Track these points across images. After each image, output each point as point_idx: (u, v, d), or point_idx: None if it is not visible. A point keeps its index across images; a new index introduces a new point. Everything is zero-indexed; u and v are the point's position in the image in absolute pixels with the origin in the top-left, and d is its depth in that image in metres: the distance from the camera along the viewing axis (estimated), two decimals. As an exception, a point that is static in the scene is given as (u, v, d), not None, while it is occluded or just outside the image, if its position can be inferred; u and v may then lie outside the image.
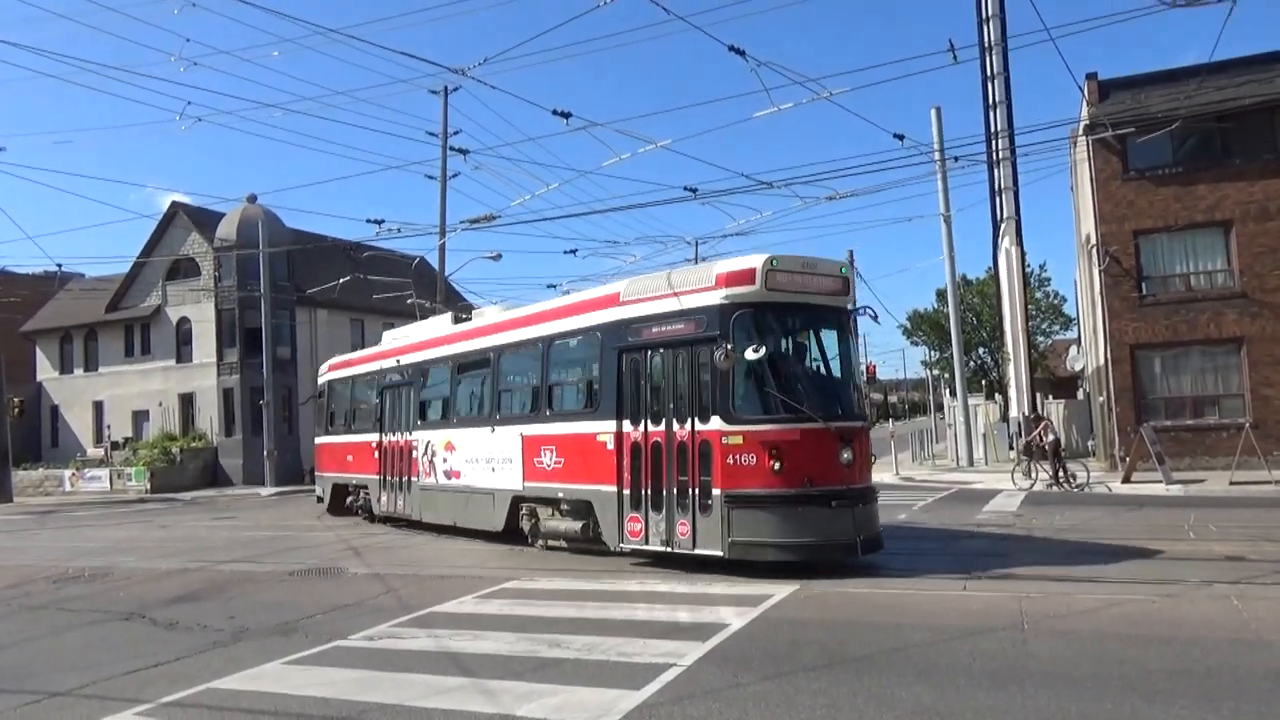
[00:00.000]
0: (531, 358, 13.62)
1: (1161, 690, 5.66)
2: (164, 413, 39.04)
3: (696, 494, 10.49)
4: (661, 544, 10.83)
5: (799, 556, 10.01)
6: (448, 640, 7.81)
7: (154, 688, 6.67)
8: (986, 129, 24.43)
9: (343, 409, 20.57)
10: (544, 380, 13.13)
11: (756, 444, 10.16)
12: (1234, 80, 23.39)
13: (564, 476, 12.38)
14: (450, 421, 15.55)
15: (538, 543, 13.28)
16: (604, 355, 11.84)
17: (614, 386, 11.55)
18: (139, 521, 22.71)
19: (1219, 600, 8.12)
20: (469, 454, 14.64)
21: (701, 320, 10.71)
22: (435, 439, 15.75)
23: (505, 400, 14.37)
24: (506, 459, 13.56)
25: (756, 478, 10.15)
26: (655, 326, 11.24)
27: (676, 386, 10.98)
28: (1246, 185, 23.52)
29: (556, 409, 12.96)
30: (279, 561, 13.59)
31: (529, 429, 13.16)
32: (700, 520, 10.43)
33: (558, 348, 13.12)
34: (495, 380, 14.37)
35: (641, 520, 11.08)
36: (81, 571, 13.33)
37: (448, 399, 15.86)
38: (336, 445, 20.44)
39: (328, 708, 5.97)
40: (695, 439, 10.58)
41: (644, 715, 5.55)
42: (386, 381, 17.94)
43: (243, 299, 35.33)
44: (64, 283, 41.08)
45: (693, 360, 10.80)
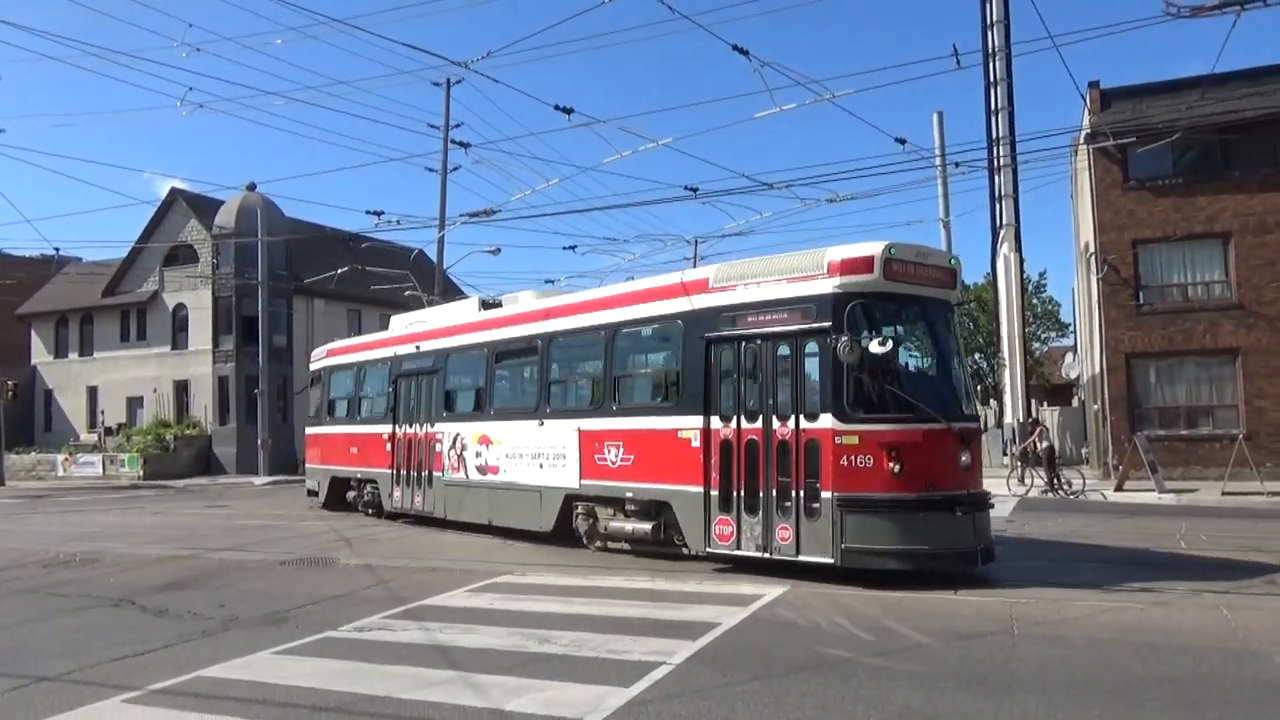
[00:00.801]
0: (591, 347, 12.74)
1: (1149, 698, 5.68)
2: (158, 399, 38.97)
3: (801, 497, 9.73)
4: (757, 549, 10.07)
5: (919, 566, 9.42)
6: (438, 633, 7.81)
7: (143, 674, 6.66)
8: (988, 135, 24.45)
9: (345, 398, 19.34)
10: (608, 371, 12.21)
11: (875, 444, 9.46)
12: (1236, 92, 23.45)
13: (633, 475, 11.55)
14: (485, 413, 14.55)
15: (593, 544, 12.49)
16: (687, 345, 11.02)
17: (700, 379, 10.74)
18: (131, 508, 22.67)
19: (1208, 609, 8.14)
20: (510, 448, 13.72)
21: (809, 310, 9.92)
22: (466, 431, 14.80)
23: (557, 392, 13.45)
24: (558, 455, 12.69)
25: (874, 481, 9.43)
26: (752, 315, 10.40)
27: (776, 380, 10.18)
28: (1246, 198, 23.57)
29: (624, 402, 12.09)
30: (270, 551, 13.57)
31: (588, 423, 12.31)
32: (805, 525, 9.69)
33: (626, 336, 12.22)
34: (544, 370, 13.40)
35: (732, 524, 10.31)
36: (72, 557, 13.31)
37: (482, 389, 14.86)
38: (336, 436, 19.30)
39: (317, 698, 5.97)
40: (800, 438, 9.82)
41: (632, 712, 5.55)
42: (403, 369, 16.87)
43: (240, 287, 35.28)
44: (61, 266, 41.03)
45: (796, 352, 10.03)
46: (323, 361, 20.37)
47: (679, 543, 11.18)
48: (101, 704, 6.02)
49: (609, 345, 12.21)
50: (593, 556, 12.10)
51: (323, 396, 20.12)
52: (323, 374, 20.18)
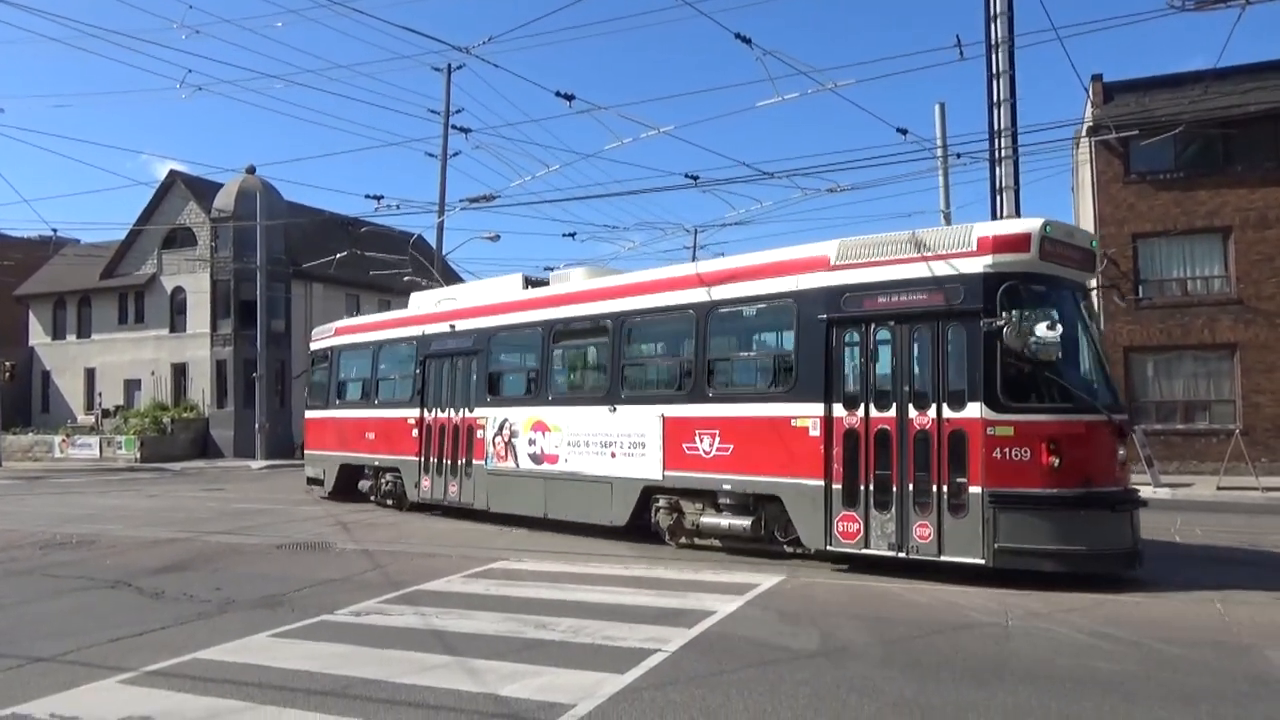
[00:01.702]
0: (678, 327, 11.96)
1: (1141, 690, 5.70)
2: (156, 382, 38.94)
3: (944, 492, 9.08)
4: (890, 547, 9.37)
5: (1077, 568, 8.84)
6: (434, 618, 7.83)
7: (138, 656, 6.68)
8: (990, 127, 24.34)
9: (359, 379, 18.08)
10: (700, 354, 11.34)
11: (1032, 436, 8.81)
12: (1240, 87, 23.40)
13: (731, 466, 10.75)
14: (541, 398, 13.50)
15: (675, 540, 11.70)
16: (803, 327, 10.23)
17: (820, 363, 9.97)
18: (128, 490, 22.69)
19: (1201, 603, 8.17)
20: (573, 436, 12.78)
21: (955, 290, 9.23)
22: (516, 417, 13.76)
23: (633, 375, 12.59)
24: (635, 443, 11.85)
25: (1030, 476, 8.79)
26: (883, 296, 9.67)
27: (913, 366, 9.51)
28: (1247, 193, 23.55)
29: (721, 388, 11.34)
30: (267, 535, 13.59)
31: (675, 410, 11.48)
32: (950, 522, 9.02)
33: (724, 317, 11.37)
34: (617, 352, 12.40)
35: (859, 520, 9.57)
36: (69, 538, 13.32)
37: (537, 372, 13.83)
38: (347, 420, 17.95)
39: (312, 681, 5.98)
40: (942, 428, 9.15)
41: (627, 699, 5.57)
42: (433, 349, 15.72)
43: (238, 270, 35.20)
44: (59, 248, 40.95)
45: (937, 336, 9.32)
46: (329, 341, 19.09)
47: (782, 540, 10.52)
48: (97, 685, 6.04)
49: (701, 326, 11.36)
50: (591, 544, 12.12)
51: (330, 378, 18.80)
52: (330, 354, 18.89)
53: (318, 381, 19.57)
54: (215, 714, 5.41)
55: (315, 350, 19.80)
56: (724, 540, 11.15)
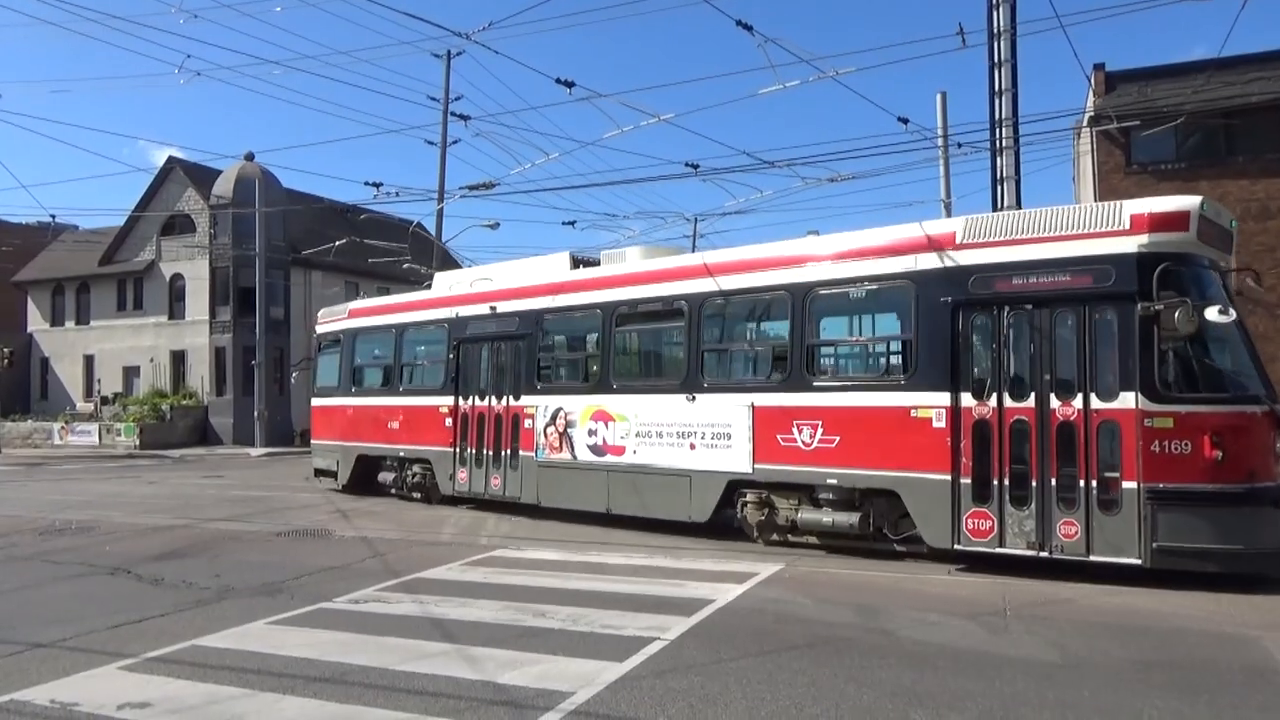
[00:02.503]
0: (771, 310, 11.31)
1: (1140, 680, 5.72)
2: (155, 369, 38.93)
3: (1093, 487, 8.54)
4: (1029, 546, 8.80)
5: (1241, 568, 8.29)
6: (432, 606, 7.84)
7: (138, 643, 6.69)
8: (991, 116, 24.28)
9: (378, 364, 17.04)
10: (798, 339, 10.58)
11: (1195, 428, 8.25)
12: (1242, 76, 23.32)
13: (836, 459, 10.07)
14: (602, 385, 12.64)
15: (764, 537, 10.99)
16: (923, 310, 9.60)
17: (944, 350, 9.38)
18: (127, 477, 22.71)
19: (1199, 595, 8.17)
20: (643, 426, 11.98)
21: (1104, 271, 8.67)
22: (572, 406, 12.91)
23: (715, 362, 11.94)
24: (720, 434, 11.10)
25: (1192, 470, 8.25)
26: (1018, 277, 9.10)
27: (1054, 353, 8.90)
28: (1249, 183, 23.48)
29: (824, 375, 10.76)
30: (267, 522, 13.60)
31: (767, 398, 10.75)
32: (1100, 520, 8.48)
33: (826, 299, 10.67)
34: (695, 336, 11.64)
35: (993, 517, 8.97)
36: (68, 525, 13.34)
37: (596, 358, 13.03)
38: (365, 409, 16.83)
39: (311, 668, 6.00)
40: (1090, 419, 8.60)
41: (626, 687, 5.58)
42: (469, 333, 14.74)
43: (237, 258, 35.11)
44: (57, 234, 40.87)
45: (1084, 320, 8.74)
46: (341, 323, 17.83)
47: (893, 537, 9.96)
48: (96, 671, 6.05)
49: (799, 309, 10.60)
50: (588, 532, 12.13)
51: (343, 362, 17.55)
52: (342, 338, 17.65)
53: (327, 366, 18.40)
54: (214, 700, 5.42)
55: (324, 333, 18.54)
56: (823, 538, 10.53)
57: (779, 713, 5.15)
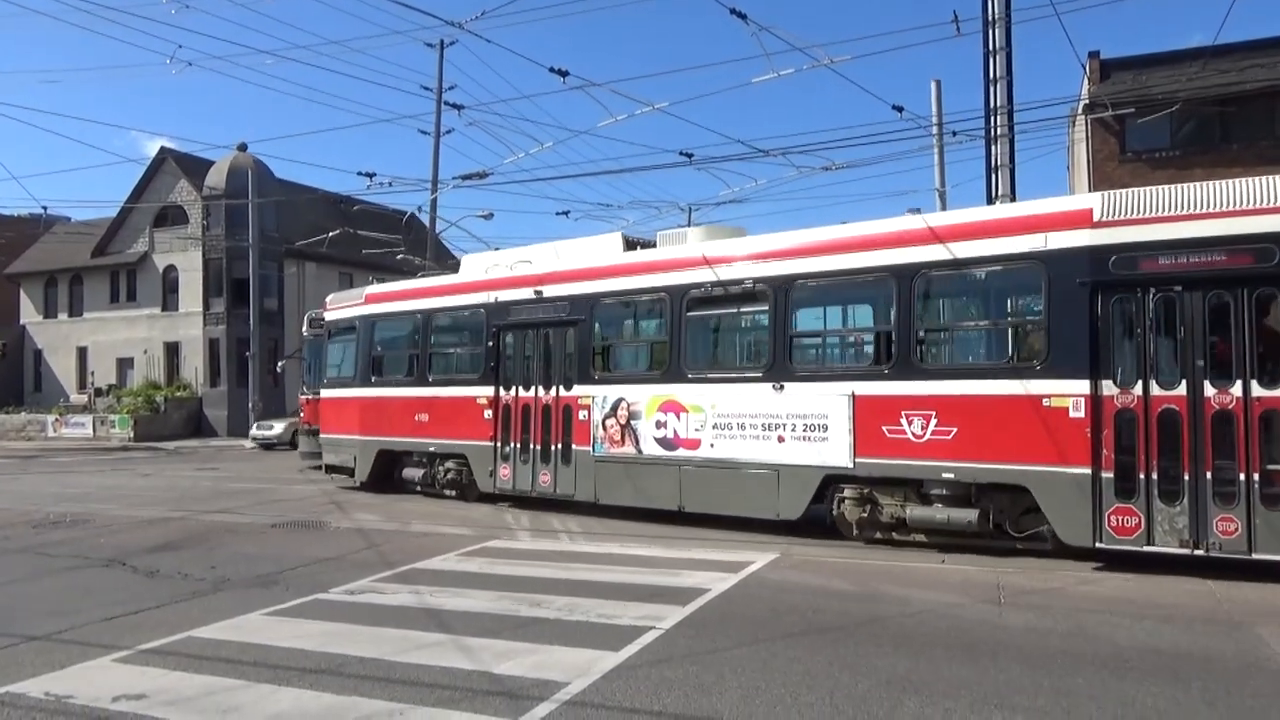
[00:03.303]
0: (872, 293, 10.78)
1: (1133, 667, 5.74)
2: (149, 361, 38.83)
3: (1254, 481, 8.06)
4: (1181, 544, 8.33)
5: None
6: (428, 596, 7.84)
7: (133, 635, 6.69)
8: (986, 104, 24.27)
9: (401, 353, 16.05)
10: (906, 324, 9.98)
11: None
12: (1237, 64, 23.29)
13: (955, 451, 9.48)
14: (672, 373, 11.81)
15: (864, 535, 10.39)
16: (1055, 292, 9.03)
17: (1082, 334, 8.83)
18: (121, 469, 22.66)
19: (1192, 582, 8.21)
20: (721, 418, 11.26)
21: (1266, 250, 8.19)
22: (637, 396, 12.11)
23: (806, 349, 11.45)
24: (812, 425, 10.46)
25: None
26: (1167, 256, 8.57)
27: (1208, 337, 8.43)
28: (1243, 171, 23.36)
29: (940, 362, 10.27)
30: (262, 513, 13.59)
31: (870, 388, 10.16)
32: (1265, 516, 8.00)
33: (938, 281, 10.08)
34: (782, 322, 10.92)
35: (1139, 514, 8.48)
36: (63, 517, 13.31)
37: (665, 344, 12.14)
38: (387, 400, 15.75)
39: (307, 659, 6.00)
40: (1251, 408, 8.15)
41: (621, 676, 5.59)
42: (511, 319, 13.79)
43: (230, 249, 34.99)
44: (49, 226, 40.66)
45: (1242, 303, 8.27)
46: (356, 310, 16.69)
47: (1016, 535, 9.44)
48: (92, 663, 6.05)
49: (905, 292, 9.99)
50: (583, 522, 12.13)
51: (359, 351, 16.42)
52: (358, 324, 16.50)
53: (339, 356, 17.32)
54: (210, 692, 5.42)
55: (335, 320, 17.43)
56: (933, 535, 9.93)
57: (773, 701, 5.16)
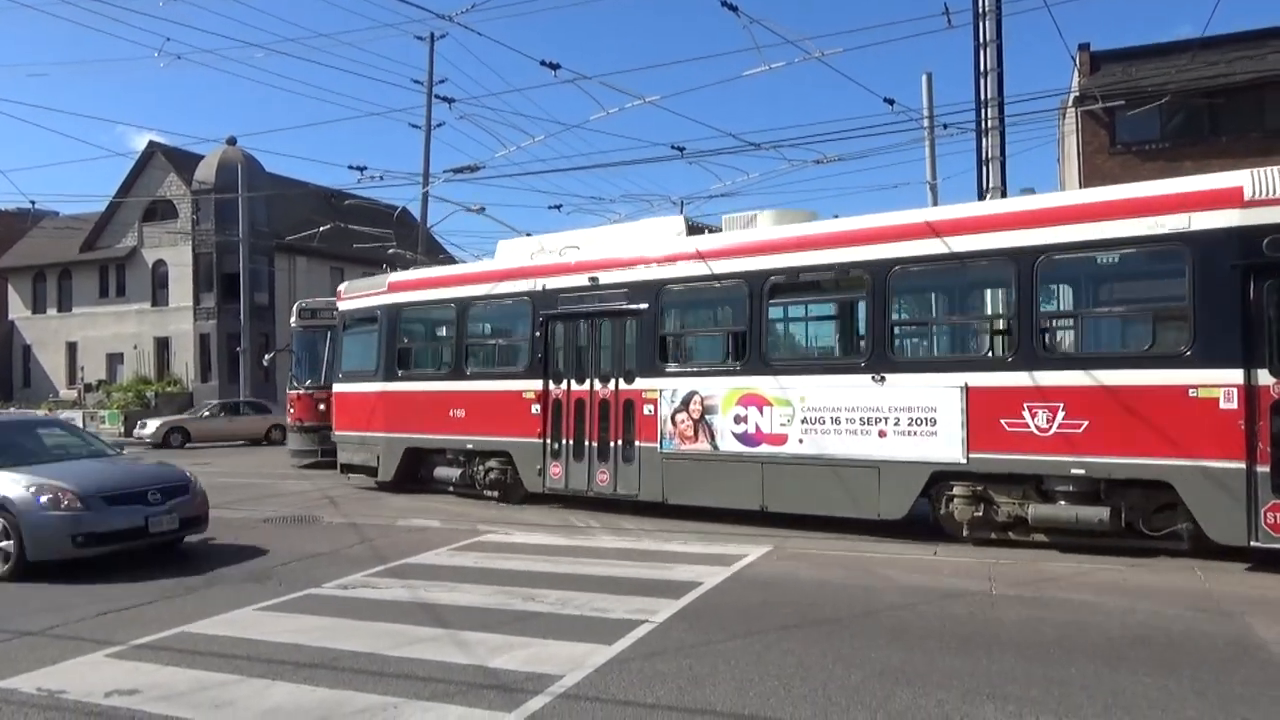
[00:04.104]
0: (986, 277, 10.30)
1: (1125, 657, 5.77)
2: (139, 356, 38.67)
3: None
4: None
5: None
6: (422, 591, 7.84)
7: (126, 630, 6.67)
8: (977, 97, 24.32)
9: (433, 345, 15.42)
10: (1027, 310, 9.35)
11: None
12: (1226, 56, 23.36)
13: (1084, 446, 8.94)
14: (754, 365, 11.05)
15: (975, 534, 9.74)
16: (1201, 275, 8.49)
17: (1235, 320, 8.35)
18: (112, 464, 22.51)
19: (1183, 571, 8.27)
20: (812, 411, 10.56)
21: None
22: (710, 389, 11.34)
23: (910, 337, 10.97)
24: (918, 419, 9.84)
25: None
26: None
27: None
28: (1232, 163, 23.30)
29: (1065, 350, 9.74)
30: (254, 508, 13.55)
31: (986, 378, 9.55)
32: None
33: (1064, 265, 9.53)
34: (881, 309, 10.19)
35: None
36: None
37: (744, 334, 11.39)
38: (417, 395, 14.65)
39: (300, 654, 5.99)
40: None
41: (615, 669, 5.60)
42: (561, 308, 12.90)
43: (221, 243, 34.85)
44: (38, 220, 40.44)
45: None
46: (377, 299, 15.54)
47: (1149, 533, 8.99)
48: (84, 658, 6.03)
49: (1026, 277, 9.37)
50: (587, 517, 12.13)
51: (382, 343, 15.29)
52: (380, 314, 15.38)
53: (356, 348, 16.31)
54: (203, 687, 5.41)
55: (351, 310, 16.36)
56: (1055, 535, 9.38)
57: (767, 693, 5.18)
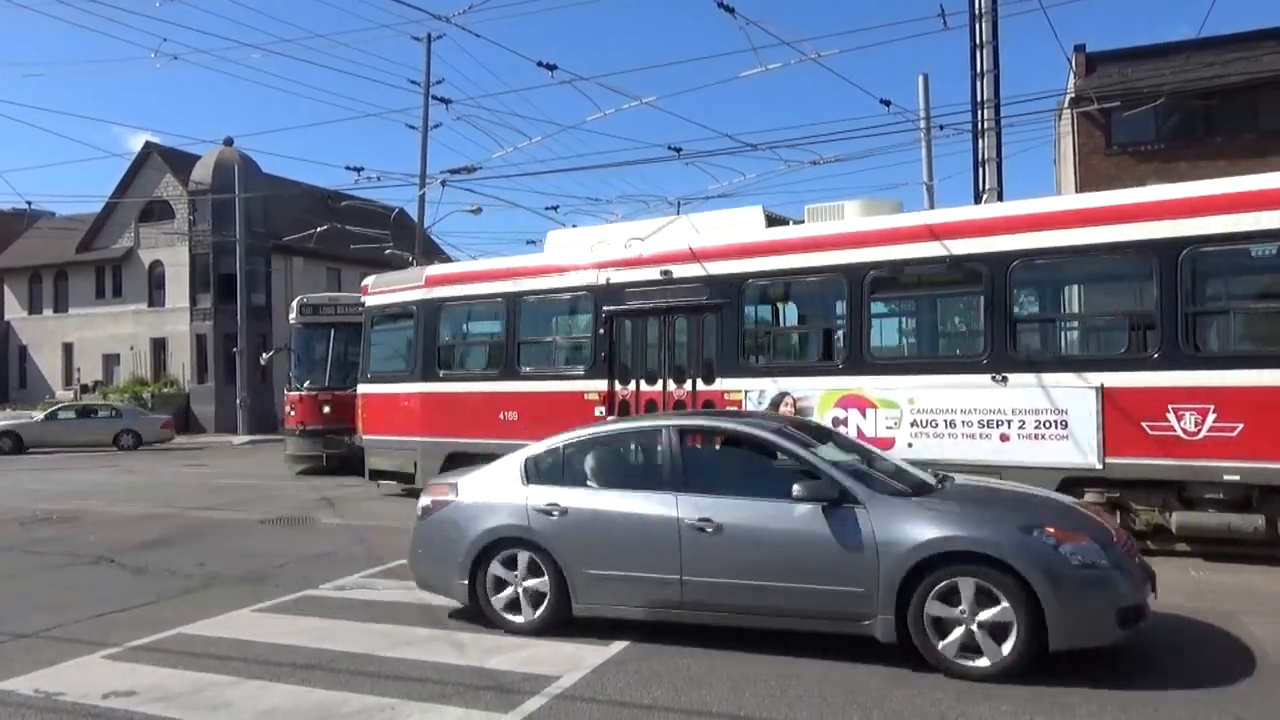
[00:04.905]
0: (1123, 270, 9.83)
1: (1119, 656, 5.78)
2: (135, 357, 38.62)
3: None
4: None
5: None
6: (418, 591, 7.84)
7: (122, 632, 6.67)
8: (973, 98, 24.38)
9: (480, 342, 14.63)
10: (1171, 305, 8.88)
11: None
12: (1221, 57, 23.43)
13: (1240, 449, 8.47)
14: (856, 363, 10.62)
15: None
16: None
17: None
18: (108, 466, 22.55)
19: (1179, 570, 8.28)
20: (922, 413, 10.13)
21: None
22: (804, 389, 10.84)
23: (1036, 334, 10.62)
24: (1047, 422, 9.42)
25: None
26: None
27: None
28: (1227, 164, 23.55)
29: (1218, 348, 9.25)
30: (250, 510, 13.56)
31: (1125, 377, 9.11)
32: None
33: (1219, 257, 9.01)
34: (1002, 304, 9.76)
35: None
36: (50, 514, 13.25)
37: (840, 330, 11.14)
38: (462, 396, 13.81)
39: (297, 655, 6.00)
40: None
41: (611, 669, 5.62)
42: (629, 303, 12.26)
43: (217, 244, 34.78)
44: (34, 221, 40.30)
45: None
46: (412, 293, 14.70)
47: None
48: (81, 660, 6.04)
49: (1172, 270, 8.90)
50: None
51: (418, 341, 14.47)
52: (417, 310, 14.54)
53: (386, 346, 15.62)
54: (200, 689, 5.42)
55: (381, 306, 15.44)
56: (1198, 544, 9.04)
57: (763, 693, 5.19)
